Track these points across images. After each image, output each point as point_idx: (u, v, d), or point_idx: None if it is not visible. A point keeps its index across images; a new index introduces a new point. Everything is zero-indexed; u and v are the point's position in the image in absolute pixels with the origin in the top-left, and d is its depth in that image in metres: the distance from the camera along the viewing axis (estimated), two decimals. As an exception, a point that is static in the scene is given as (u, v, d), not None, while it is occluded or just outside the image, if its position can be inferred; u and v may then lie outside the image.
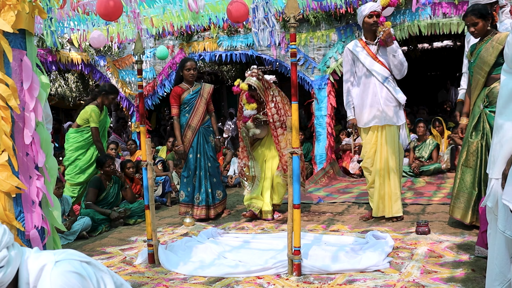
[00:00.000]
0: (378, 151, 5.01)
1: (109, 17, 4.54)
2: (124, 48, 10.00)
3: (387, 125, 4.98)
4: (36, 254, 1.84)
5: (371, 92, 4.96)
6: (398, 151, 4.99)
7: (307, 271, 3.62)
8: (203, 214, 5.78)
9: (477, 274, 3.35)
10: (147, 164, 4.15)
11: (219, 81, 15.19)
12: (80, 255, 1.91)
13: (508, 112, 2.17)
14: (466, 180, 4.39)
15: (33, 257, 1.82)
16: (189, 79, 5.86)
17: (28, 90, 2.57)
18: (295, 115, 3.56)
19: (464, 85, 5.21)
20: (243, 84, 5.50)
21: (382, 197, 5.03)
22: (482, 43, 4.30)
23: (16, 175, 2.51)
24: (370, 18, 4.90)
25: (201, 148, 5.85)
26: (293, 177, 3.57)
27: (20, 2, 2.57)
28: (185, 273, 3.84)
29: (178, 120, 5.84)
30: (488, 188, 2.31)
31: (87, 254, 4.55)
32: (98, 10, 4.37)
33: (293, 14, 3.52)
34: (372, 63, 4.95)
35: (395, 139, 4.98)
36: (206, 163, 5.85)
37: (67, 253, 1.88)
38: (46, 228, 2.65)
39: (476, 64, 4.29)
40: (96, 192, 5.88)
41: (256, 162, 5.73)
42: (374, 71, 4.93)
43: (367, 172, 5.18)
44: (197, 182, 5.84)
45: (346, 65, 5.12)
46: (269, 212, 5.59)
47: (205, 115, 5.91)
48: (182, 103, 5.84)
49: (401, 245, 4.17)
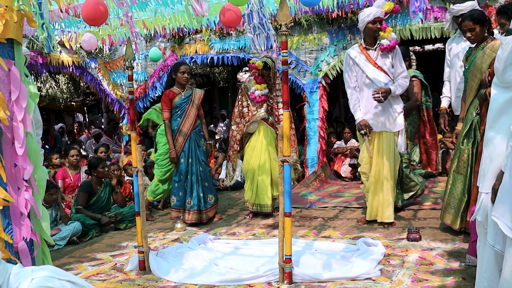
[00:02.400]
0: (374, 157, 5.03)
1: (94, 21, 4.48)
2: (116, 50, 9.94)
3: (384, 131, 4.99)
4: (16, 271, 1.83)
5: (369, 97, 4.95)
6: (393, 157, 5.00)
7: (298, 279, 3.62)
8: (195, 219, 5.76)
9: (468, 282, 3.36)
10: (138, 171, 4.13)
11: (211, 82, 15.17)
12: (59, 273, 1.90)
13: (498, 126, 2.18)
14: (457, 186, 4.42)
15: (13, 273, 1.82)
16: (183, 83, 5.86)
17: (16, 101, 2.54)
18: (286, 123, 3.55)
19: (446, 93, 5.23)
20: (258, 61, 5.77)
21: (376, 202, 5.05)
22: (477, 49, 4.29)
23: (4, 186, 2.48)
24: (374, 24, 4.87)
25: (193, 153, 5.84)
26: (284, 186, 3.56)
27: (8, 11, 2.53)
28: (176, 281, 3.82)
29: (169, 124, 5.83)
30: (478, 202, 2.31)
31: (77, 260, 4.59)
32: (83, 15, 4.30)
33: (285, 22, 3.50)
34: (370, 69, 4.95)
35: (391, 145, 4.99)
36: (197, 168, 5.85)
37: (46, 270, 1.87)
38: (35, 240, 2.61)
39: (471, 71, 4.29)
40: (86, 197, 5.84)
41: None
42: (373, 77, 4.93)
43: (364, 177, 5.19)
44: (189, 186, 5.82)
45: (347, 70, 5.11)
46: (267, 206, 5.79)
47: (196, 120, 5.91)
48: (174, 107, 5.84)
49: (392, 252, 4.17)
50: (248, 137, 5.95)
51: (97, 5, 4.14)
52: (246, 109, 5.86)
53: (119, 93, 9.95)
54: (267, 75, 5.79)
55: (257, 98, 5.78)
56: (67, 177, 6.90)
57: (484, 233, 2.22)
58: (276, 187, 5.82)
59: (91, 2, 4.14)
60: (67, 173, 6.97)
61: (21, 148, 2.50)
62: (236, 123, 5.93)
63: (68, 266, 4.42)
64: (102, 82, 9.91)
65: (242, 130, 5.85)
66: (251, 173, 5.87)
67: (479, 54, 4.23)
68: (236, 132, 5.91)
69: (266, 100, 5.81)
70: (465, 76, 4.45)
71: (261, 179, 5.81)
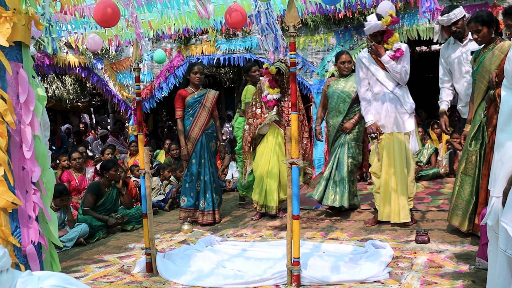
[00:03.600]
0: (385, 158, 5.04)
1: (107, 23, 4.51)
2: (122, 51, 9.96)
3: (395, 132, 5.00)
4: (23, 279, 1.80)
5: (380, 99, 5.03)
6: (406, 157, 5.00)
7: (307, 282, 3.59)
8: (210, 219, 5.84)
9: (478, 286, 3.33)
10: (145, 173, 4.12)
11: (217, 83, 15.15)
12: (67, 281, 1.87)
13: (509, 129, 2.15)
14: (465, 188, 4.38)
15: (20, 282, 1.78)
16: (196, 83, 5.92)
17: (25, 104, 2.54)
18: (294, 125, 3.53)
19: (444, 98, 5.16)
20: (272, 67, 5.75)
21: (388, 202, 5.07)
22: (485, 50, 4.24)
23: (13, 190, 2.48)
24: (375, 37, 5.03)
25: (205, 154, 5.87)
26: (292, 188, 3.54)
27: (16, 14, 2.53)
28: (184, 283, 3.81)
29: (182, 123, 5.88)
30: (489, 206, 2.28)
31: (84, 261, 4.59)
32: (95, 17, 4.33)
33: (293, 23, 3.48)
34: (380, 71, 5.05)
35: (402, 146, 4.98)
36: (209, 168, 5.89)
37: (54, 278, 1.84)
38: (43, 243, 2.61)
39: (479, 72, 4.24)
40: (94, 198, 5.85)
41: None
42: (382, 79, 5.01)
43: (375, 177, 5.23)
44: (202, 187, 5.88)
45: (359, 72, 5.22)
46: (273, 209, 5.82)
47: (209, 120, 5.94)
48: (186, 106, 5.88)
49: (400, 254, 4.15)
50: (260, 138, 5.95)
51: (108, 7, 4.19)
52: (259, 110, 5.86)
53: (125, 94, 9.96)
54: (281, 80, 5.77)
55: (269, 103, 5.79)
56: (72, 179, 6.92)
57: (496, 238, 2.19)
58: (283, 190, 5.83)
59: (102, 4, 4.19)
60: (72, 175, 6.98)
61: (29, 151, 2.50)
62: (248, 124, 5.94)
63: (75, 268, 4.42)
64: (109, 83, 9.93)
65: (253, 132, 5.84)
66: (259, 178, 5.89)
67: (488, 55, 4.19)
68: (247, 133, 5.90)
69: (276, 104, 5.79)
70: (473, 77, 4.41)
71: (269, 184, 5.83)
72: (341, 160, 5.66)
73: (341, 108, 5.68)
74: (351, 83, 5.65)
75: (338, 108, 5.69)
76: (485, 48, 4.27)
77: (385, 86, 5.01)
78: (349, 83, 5.67)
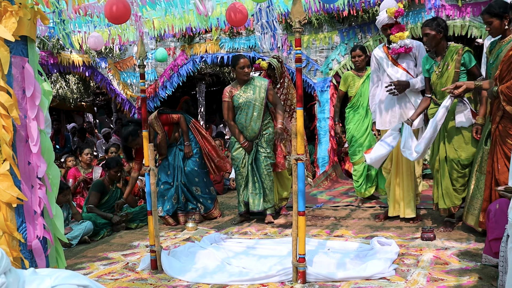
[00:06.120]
0: (394, 154, 5.07)
1: (118, 20, 4.54)
2: (126, 50, 9.96)
3: None
4: (32, 278, 1.75)
5: (390, 95, 5.03)
6: None
7: (312, 279, 3.58)
8: None
9: (485, 282, 3.31)
10: (149, 170, 4.11)
11: (221, 82, 15.13)
12: (77, 278, 1.83)
13: None
14: (481, 187, 4.25)
15: (29, 281, 1.74)
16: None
17: (30, 98, 2.53)
18: (300, 121, 3.51)
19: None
20: (263, 62, 5.80)
21: (397, 198, 5.12)
22: (503, 42, 4.08)
23: (18, 184, 2.47)
24: (385, 31, 5.10)
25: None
26: (298, 184, 3.53)
27: (22, 8, 2.53)
28: (189, 280, 3.80)
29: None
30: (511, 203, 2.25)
31: (88, 259, 4.58)
32: (107, 13, 4.37)
33: (299, 19, 3.47)
34: (392, 68, 5.09)
35: None
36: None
37: (63, 276, 1.80)
38: (49, 238, 2.60)
39: (495, 65, 4.07)
40: (98, 196, 5.85)
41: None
42: (394, 76, 5.04)
43: (385, 172, 5.33)
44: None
45: (372, 68, 5.37)
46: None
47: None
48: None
49: (406, 251, 4.13)
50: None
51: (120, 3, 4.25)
52: None
53: (129, 92, 9.97)
54: (273, 75, 5.82)
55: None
56: (78, 176, 6.90)
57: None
58: (282, 187, 5.81)
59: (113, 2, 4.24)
60: (79, 172, 6.97)
61: (35, 146, 2.49)
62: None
63: (79, 266, 4.42)
64: (112, 82, 9.93)
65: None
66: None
67: (505, 48, 4.00)
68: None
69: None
70: (488, 70, 4.24)
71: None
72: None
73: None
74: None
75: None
76: (502, 40, 4.10)
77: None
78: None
